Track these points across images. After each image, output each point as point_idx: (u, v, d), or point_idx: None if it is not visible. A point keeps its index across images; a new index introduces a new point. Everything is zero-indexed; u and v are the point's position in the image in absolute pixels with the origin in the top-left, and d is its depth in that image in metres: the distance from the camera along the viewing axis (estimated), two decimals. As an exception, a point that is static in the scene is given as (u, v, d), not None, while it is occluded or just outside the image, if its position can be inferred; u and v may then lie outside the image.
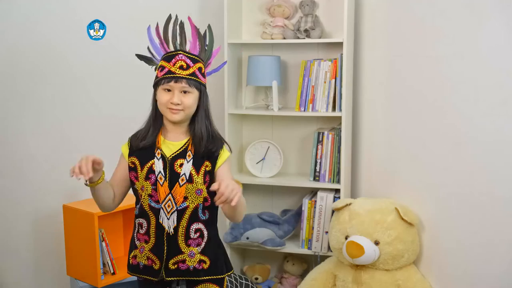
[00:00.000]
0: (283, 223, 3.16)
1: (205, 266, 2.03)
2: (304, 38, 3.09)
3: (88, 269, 2.77)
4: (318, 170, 3.08)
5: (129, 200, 2.93)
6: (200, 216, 2.03)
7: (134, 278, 2.85)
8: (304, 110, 3.07)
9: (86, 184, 1.97)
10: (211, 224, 2.08)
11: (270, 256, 3.33)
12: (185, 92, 1.99)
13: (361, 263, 2.72)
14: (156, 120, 2.05)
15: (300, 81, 3.07)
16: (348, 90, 3.02)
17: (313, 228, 3.09)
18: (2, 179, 3.06)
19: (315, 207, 3.08)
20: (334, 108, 3.03)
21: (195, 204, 2.02)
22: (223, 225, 3.01)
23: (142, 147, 2.03)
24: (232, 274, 2.93)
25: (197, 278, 2.04)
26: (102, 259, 2.77)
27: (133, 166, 2.04)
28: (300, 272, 3.26)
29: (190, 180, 2.00)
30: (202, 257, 2.03)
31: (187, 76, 1.99)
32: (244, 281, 3.11)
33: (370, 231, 2.73)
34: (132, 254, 2.09)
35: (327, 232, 3.04)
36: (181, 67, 1.99)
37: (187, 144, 2.04)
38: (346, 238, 2.78)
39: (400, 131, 2.97)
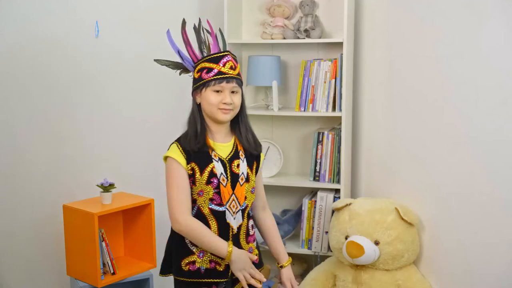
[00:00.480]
0: (283, 223, 3.15)
1: (257, 258, 2.11)
2: (304, 38, 3.09)
3: (88, 269, 2.77)
4: (318, 170, 3.08)
5: (130, 200, 2.94)
6: (250, 213, 2.11)
7: (134, 278, 2.87)
8: (304, 110, 3.07)
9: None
10: (252, 217, 2.16)
11: (270, 256, 3.32)
12: (232, 92, 2.01)
13: (361, 263, 2.72)
14: (202, 122, 2.04)
15: (300, 81, 3.07)
16: (348, 90, 3.02)
17: (313, 228, 3.09)
18: (2, 179, 3.06)
19: (315, 207, 3.08)
20: (334, 108, 3.03)
21: (251, 201, 2.09)
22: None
23: (198, 150, 2.00)
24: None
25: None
26: (102, 259, 2.76)
27: (191, 172, 2.00)
28: (300, 272, 3.25)
29: (247, 179, 2.05)
30: (257, 251, 2.13)
31: (236, 76, 2.02)
32: (244, 281, 3.10)
33: (370, 231, 2.73)
34: (186, 260, 2.04)
35: (327, 232, 3.04)
36: (231, 68, 2.01)
37: (235, 144, 2.07)
38: (346, 238, 2.78)
39: (400, 131, 2.97)
